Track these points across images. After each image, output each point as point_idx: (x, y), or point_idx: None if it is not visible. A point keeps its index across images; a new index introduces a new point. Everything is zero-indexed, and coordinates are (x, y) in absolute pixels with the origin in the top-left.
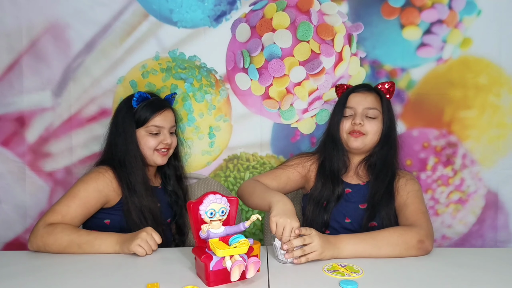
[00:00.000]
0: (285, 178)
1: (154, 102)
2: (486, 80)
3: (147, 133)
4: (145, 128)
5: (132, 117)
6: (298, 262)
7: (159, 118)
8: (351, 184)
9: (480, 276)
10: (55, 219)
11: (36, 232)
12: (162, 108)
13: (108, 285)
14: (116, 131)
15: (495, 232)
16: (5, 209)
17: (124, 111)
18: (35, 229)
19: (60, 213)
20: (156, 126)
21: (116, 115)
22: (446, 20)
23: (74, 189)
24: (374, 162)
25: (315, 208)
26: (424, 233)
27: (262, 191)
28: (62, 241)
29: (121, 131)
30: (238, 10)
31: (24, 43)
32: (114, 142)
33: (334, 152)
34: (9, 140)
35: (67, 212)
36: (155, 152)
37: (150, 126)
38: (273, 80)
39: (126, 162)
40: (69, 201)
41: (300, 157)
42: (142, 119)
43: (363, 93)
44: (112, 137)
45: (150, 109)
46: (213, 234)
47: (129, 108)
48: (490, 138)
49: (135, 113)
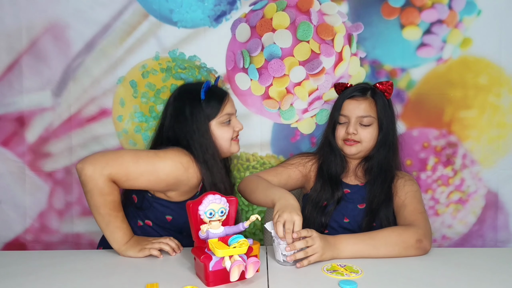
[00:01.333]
0: (286, 176)
1: (216, 90)
2: (486, 80)
3: (220, 124)
4: (218, 119)
5: (202, 110)
6: (301, 265)
7: (229, 104)
8: (350, 185)
9: (480, 276)
10: (120, 178)
11: (97, 175)
12: (227, 93)
13: (108, 285)
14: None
15: (495, 232)
16: (5, 209)
17: (189, 105)
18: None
19: (127, 176)
20: (228, 114)
21: (179, 112)
22: (446, 20)
23: (160, 164)
24: (371, 165)
25: (313, 209)
26: (422, 233)
27: (265, 187)
28: (101, 209)
29: (194, 129)
30: (238, 10)
31: (24, 43)
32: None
33: (331, 156)
34: (9, 140)
35: (134, 179)
36: (232, 141)
37: (223, 115)
38: (273, 80)
39: (206, 157)
40: (146, 172)
41: (301, 156)
42: (214, 110)
43: (357, 100)
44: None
45: (217, 98)
46: (213, 235)
47: (196, 100)
48: (490, 138)
49: (204, 105)
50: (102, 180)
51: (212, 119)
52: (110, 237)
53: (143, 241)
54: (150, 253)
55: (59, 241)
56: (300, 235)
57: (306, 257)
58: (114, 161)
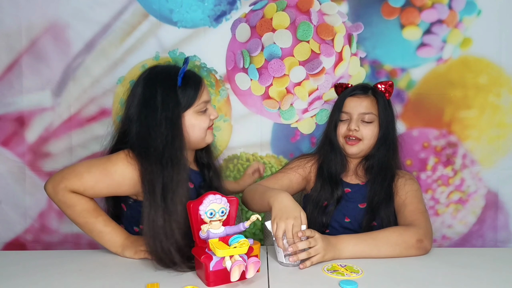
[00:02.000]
0: (287, 181)
1: (191, 75)
2: (486, 80)
3: (196, 113)
4: (195, 107)
5: (177, 98)
6: (304, 266)
7: (205, 91)
8: (350, 184)
9: (480, 276)
10: (77, 188)
11: (56, 190)
12: (202, 79)
13: (108, 285)
14: (155, 116)
15: (495, 232)
16: (5, 209)
17: (162, 93)
18: (56, 183)
19: (84, 185)
20: (205, 102)
21: (148, 98)
22: (446, 20)
23: (112, 167)
24: (372, 164)
25: (314, 209)
26: (423, 232)
27: (261, 192)
28: (76, 220)
29: (163, 117)
30: (238, 10)
31: (24, 43)
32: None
33: (332, 155)
34: (9, 140)
35: (92, 187)
36: (207, 130)
37: (200, 103)
38: (273, 80)
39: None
40: (101, 178)
41: (300, 159)
42: (191, 98)
43: (359, 97)
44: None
45: (194, 84)
46: (213, 234)
47: (171, 87)
48: (490, 138)
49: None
50: (62, 194)
51: (188, 108)
52: (101, 242)
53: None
54: (145, 256)
55: (59, 241)
56: (304, 234)
57: (309, 258)
58: (69, 174)
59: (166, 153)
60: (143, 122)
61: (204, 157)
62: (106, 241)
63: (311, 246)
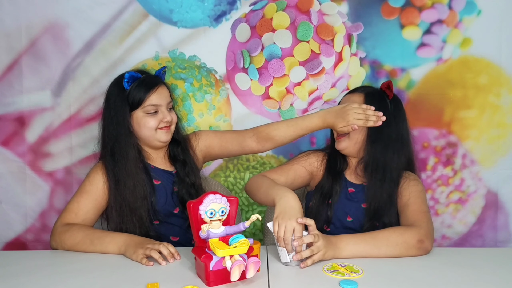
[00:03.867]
0: (292, 174)
1: (146, 80)
2: (486, 80)
3: (145, 113)
4: (142, 109)
5: (125, 100)
6: (305, 265)
7: (155, 96)
8: (354, 184)
9: (480, 276)
10: (70, 217)
11: (54, 232)
12: (156, 85)
13: (108, 285)
14: (108, 116)
15: (495, 232)
16: (5, 209)
17: (115, 94)
18: (53, 229)
19: (72, 211)
20: (153, 105)
21: (107, 100)
22: (446, 20)
23: (82, 186)
24: (367, 163)
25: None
26: (424, 233)
27: (267, 186)
28: (76, 236)
29: (113, 115)
30: (238, 10)
31: (24, 43)
32: (106, 129)
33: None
34: (9, 140)
35: (78, 208)
36: (158, 130)
37: (146, 106)
38: (273, 80)
39: (115, 148)
40: (78, 197)
41: (308, 154)
42: (136, 100)
43: (351, 95)
44: (105, 123)
45: (144, 88)
46: (213, 234)
47: (121, 90)
48: (490, 138)
49: (128, 95)
50: (58, 231)
51: (136, 109)
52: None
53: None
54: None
55: None
56: (303, 242)
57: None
58: (59, 217)
59: (115, 148)
60: (103, 120)
61: (180, 154)
62: (107, 243)
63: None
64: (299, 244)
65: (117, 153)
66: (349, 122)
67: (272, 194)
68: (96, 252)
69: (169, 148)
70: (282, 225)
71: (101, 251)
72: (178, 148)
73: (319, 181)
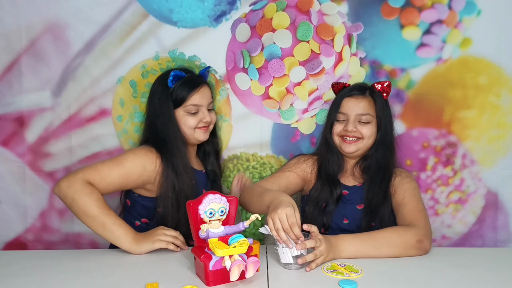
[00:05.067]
0: (285, 181)
1: (189, 79)
2: (486, 80)
3: (186, 112)
4: (183, 108)
5: (169, 97)
6: (310, 269)
7: (197, 96)
8: (348, 186)
9: (480, 276)
10: (94, 178)
11: (72, 182)
12: (199, 85)
13: (108, 285)
14: (154, 112)
15: (495, 232)
16: (5, 209)
17: (160, 92)
18: (71, 177)
19: (100, 174)
20: (195, 105)
21: (152, 95)
22: (445, 20)
23: (122, 157)
24: (369, 165)
25: (314, 209)
26: (423, 233)
27: (259, 193)
28: (91, 210)
29: (159, 113)
30: (238, 10)
31: (24, 43)
32: (153, 123)
33: (328, 155)
34: (9, 140)
35: (107, 175)
36: (196, 129)
37: (188, 105)
38: (273, 80)
39: (168, 143)
40: (114, 166)
41: (299, 159)
42: (179, 99)
43: (356, 98)
44: (151, 118)
45: (187, 88)
46: (213, 234)
47: (165, 87)
48: (490, 138)
49: (172, 93)
50: (79, 183)
51: (178, 107)
52: (113, 238)
53: (153, 233)
54: (167, 246)
55: (60, 240)
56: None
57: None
58: (82, 169)
59: (169, 143)
60: (151, 115)
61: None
62: (118, 234)
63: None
64: (301, 248)
65: (171, 147)
66: None
67: (265, 199)
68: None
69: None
70: (275, 217)
71: (109, 240)
72: (210, 158)
73: (312, 186)
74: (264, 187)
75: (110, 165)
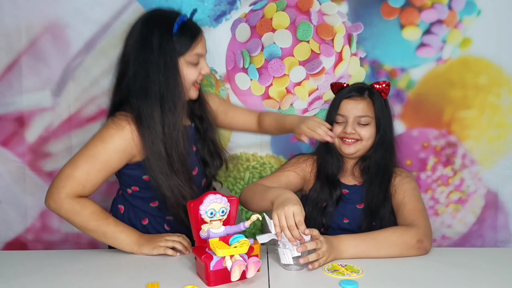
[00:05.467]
0: (285, 180)
1: (190, 26)
2: (486, 80)
3: (187, 63)
4: (186, 57)
5: (173, 45)
6: (313, 267)
7: (201, 44)
8: (348, 185)
9: (480, 276)
10: (77, 189)
11: (59, 203)
12: (200, 32)
13: (109, 285)
14: (150, 61)
15: (495, 232)
16: (5, 209)
17: (159, 36)
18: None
19: (80, 183)
20: (198, 55)
21: (144, 42)
22: (445, 20)
23: (93, 150)
24: (368, 166)
25: (313, 210)
26: (423, 233)
27: (262, 191)
28: (88, 225)
29: (160, 62)
30: (238, 10)
31: (24, 43)
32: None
33: (328, 156)
34: (9, 140)
35: (87, 180)
36: (192, 86)
37: (193, 54)
38: (273, 80)
39: (167, 98)
40: (88, 165)
41: (298, 158)
42: (183, 47)
43: (355, 100)
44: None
45: (190, 35)
46: (213, 234)
47: (167, 32)
48: (490, 138)
49: (174, 39)
50: (67, 202)
51: (181, 56)
52: (117, 244)
53: (156, 239)
54: (165, 252)
55: (59, 240)
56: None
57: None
58: (60, 182)
59: (167, 97)
60: (141, 64)
61: (197, 109)
62: (122, 240)
63: (318, 247)
64: (302, 250)
65: (167, 103)
66: (302, 131)
67: (268, 196)
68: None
69: None
70: (281, 215)
71: (113, 246)
72: (196, 103)
73: (312, 186)
74: (266, 186)
75: (84, 168)
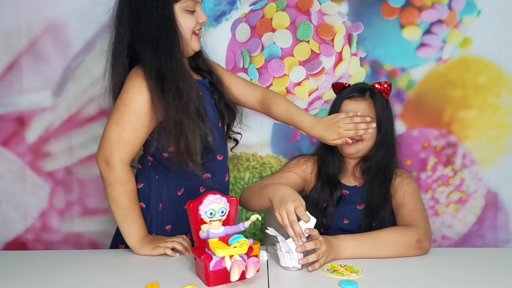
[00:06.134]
0: (285, 181)
1: None
2: (486, 80)
3: (183, 10)
4: (181, 3)
5: None
6: (313, 269)
7: None
8: (348, 186)
9: (480, 276)
10: (128, 152)
11: (113, 167)
12: None
13: (108, 285)
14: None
15: (495, 232)
16: (5, 209)
17: None
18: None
19: (130, 143)
20: (194, 1)
21: None
22: (446, 20)
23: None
24: (370, 166)
25: (314, 210)
26: (422, 233)
27: (259, 189)
28: (121, 199)
29: (154, 8)
30: (238, 10)
31: (24, 43)
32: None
33: (329, 157)
34: (9, 140)
35: (135, 139)
36: (193, 35)
37: (188, 0)
38: (273, 80)
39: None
40: (134, 123)
41: (299, 159)
42: None
43: (356, 100)
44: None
45: None
46: (213, 234)
47: None
48: (490, 138)
49: None
50: (119, 169)
51: (176, 3)
52: (127, 232)
53: (158, 240)
54: (165, 252)
55: (60, 240)
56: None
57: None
58: (112, 145)
59: (159, 40)
60: (134, 11)
61: (202, 64)
62: (132, 231)
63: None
64: (301, 250)
65: (168, 58)
66: (341, 135)
67: (265, 193)
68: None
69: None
70: (283, 213)
71: (121, 231)
72: (199, 58)
73: (312, 187)
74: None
75: (130, 126)
